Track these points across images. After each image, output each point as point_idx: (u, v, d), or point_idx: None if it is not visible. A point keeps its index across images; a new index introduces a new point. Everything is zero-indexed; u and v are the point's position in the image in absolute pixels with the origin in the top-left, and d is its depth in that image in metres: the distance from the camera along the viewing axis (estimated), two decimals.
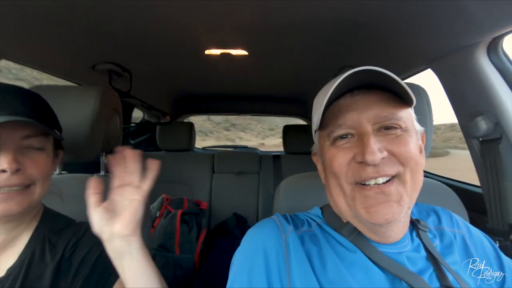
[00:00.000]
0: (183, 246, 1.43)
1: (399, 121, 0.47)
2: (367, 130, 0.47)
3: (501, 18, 0.67)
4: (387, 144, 0.46)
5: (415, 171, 0.47)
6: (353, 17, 0.94)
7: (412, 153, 0.47)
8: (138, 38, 1.16)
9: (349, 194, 0.49)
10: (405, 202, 0.47)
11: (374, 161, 0.44)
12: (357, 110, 0.48)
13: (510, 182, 0.82)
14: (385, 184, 0.46)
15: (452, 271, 0.50)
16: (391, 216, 0.45)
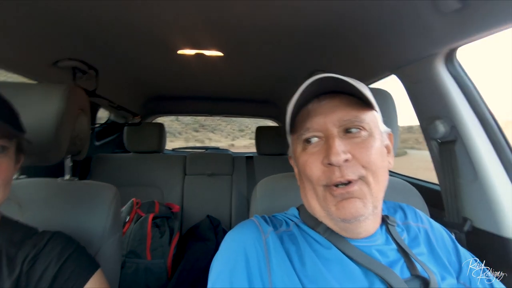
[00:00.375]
0: (155, 251, 1.38)
1: (362, 123, 0.50)
2: (332, 133, 0.49)
3: (456, 32, 0.74)
4: (351, 148, 0.49)
5: (377, 174, 0.50)
6: (324, 24, 0.98)
7: (374, 157, 0.49)
8: (105, 34, 1.10)
9: (321, 196, 0.51)
10: (368, 200, 0.50)
11: (338, 162, 0.47)
12: (322, 114, 0.51)
13: (464, 180, 0.90)
14: (349, 185, 0.49)
15: (420, 261, 0.54)
16: (355, 211, 0.48)
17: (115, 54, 1.33)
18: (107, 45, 1.22)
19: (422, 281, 0.52)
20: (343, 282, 0.49)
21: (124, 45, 1.23)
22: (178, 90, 2.07)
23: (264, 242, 0.51)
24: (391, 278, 0.48)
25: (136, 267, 1.32)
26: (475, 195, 0.87)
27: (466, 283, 0.60)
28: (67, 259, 0.58)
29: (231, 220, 2.04)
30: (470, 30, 0.72)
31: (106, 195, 0.93)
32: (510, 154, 0.83)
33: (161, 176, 2.06)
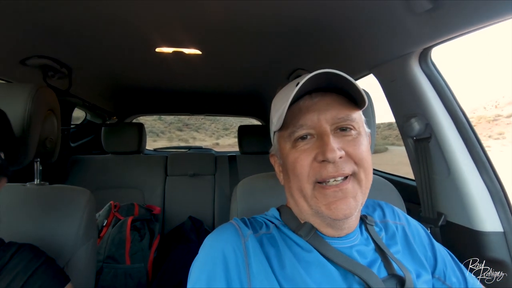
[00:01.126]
0: (134, 255, 1.34)
1: (353, 122, 0.51)
2: (327, 130, 0.50)
3: (429, 32, 0.76)
4: (344, 145, 0.50)
5: (368, 171, 0.52)
6: (303, 24, 0.98)
7: (365, 154, 0.51)
8: (79, 30, 1.05)
9: (309, 194, 0.51)
10: (359, 198, 0.51)
11: (334, 158, 0.47)
12: (316, 111, 0.51)
13: (438, 176, 0.93)
14: (343, 182, 0.50)
15: (396, 260, 0.55)
16: (349, 212, 0.49)
17: (89, 52, 1.27)
18: (81, 43, 1.17)
19: (399, 280, 0.53)
20: (322, 284, 0.49)
21: (99, 43, 1.18)
22: (157, 89, 2.02)
23: (243, 246, 0.50)
24: (370, 279, 0.49)
25: (114, 272, 1.27)
26: (449, 191, 0.90)
27: (441, 277, 0.62)
28: (34, 273, 0.55)
29: (214, 220, 2.02)
30: (442, 30, 0.74)
31: (79, 199, 0.89)
32: (480, 150, 0.86)
33: (142, 178, 2.01)
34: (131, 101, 2.30)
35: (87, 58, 1.34)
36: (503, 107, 18.71)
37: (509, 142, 16.91)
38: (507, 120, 19.54)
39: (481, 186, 0.85)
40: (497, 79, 12.03)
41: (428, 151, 0.94)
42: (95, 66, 1.46)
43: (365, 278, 0.49)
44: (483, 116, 19.07)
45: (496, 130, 19.31)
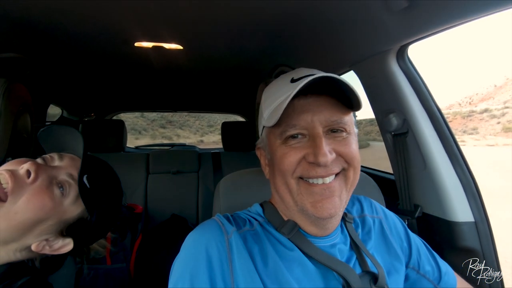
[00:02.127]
0: (115, 255, 1.31)
1: (345, 125, 0.52)
2: (319, 132, 0.50)
3: (405, 30, 0.78)
4: (335, 146, 0.51)
5: (357, 170, 0.53)
6: (284, 21, 0.99)
7: (356, 153, 0.52)
8: (53, 24, 1.01)
9: (295, 190, 0.52)
10: (344, 196, 0.52)
11: (326, 163, 0.48)
12: (310, 112, 0.50)
13: (415, 170, 0.97)
14: (332, 181, 0.51)
15: (371, 257, 0.57)
16: (333, 211, 0.50)
17: (65, 46, 1.22)
18: (55, 36, 1.12)
19: (372, 276, 0.54)
20: (302, 282, 0.50)
21: (75, 36, 1.13)
22: (137, 85, 1.97)
23: (227, 242, 0.50)
24: (349, 275, 0.51)
25: (95, 273, 1.23)
26: (425, 183, 0.93)
27: (415, 267, 0.65)
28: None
29: (198, 217, 2.01)
30: (417, 28, 0.76)
31: None
32: (454, 144, 0.90)
33: (122, 176, 1.93)
34: (109, 97, 2.23)
35: (62, 53, 1.28)
36: (476, 104, 19.40)
37: (482, 137, 17.80)
38: (480, 116, 20.51)
39: (455, 178, 0.89)
40: (471, 77, 12.58)
41: (406, 146, 0.98)
42: (72, 61, 1.40)
43: (344, 275, 0.50)
44: (458, 112, 19.83)
45: (470, 125, 20.23)
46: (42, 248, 0.57)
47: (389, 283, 0.57)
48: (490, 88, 30.13)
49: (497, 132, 20.11)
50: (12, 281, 0.53)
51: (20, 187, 0.52)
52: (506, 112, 22.15)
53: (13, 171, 0.54)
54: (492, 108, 22.64)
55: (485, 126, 20.87)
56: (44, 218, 0.54)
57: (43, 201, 0.53)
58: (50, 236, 0.58)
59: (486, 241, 0.84)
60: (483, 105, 25.16)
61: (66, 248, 0.60)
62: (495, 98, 27.86)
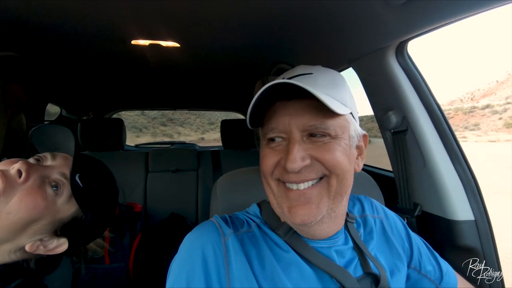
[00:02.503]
0: (114, 255, 1.31)
1: (327, 130, 0.48)
2: (295, 137, 0.48)
3: (405, 25, 0.76)
4: (313, 151, 0.48)
5: (342, 177, 0.49)
6: (284, 17, 0.97)
7: (338, 160, 0.48)
8: (48, 22, 0.99)
9: (276, 191, 0.52)
10: (324, 205, 0.49)
11: (293, 169, 0.46)
12: (288, 116, 0.49)
13: (414, 167, 0.95)
14: (308, 188, 0.49)
15: (372, 258, 0.56)
16: (307, 218, 0.48)
17: (61, 44, 1.21)
18: (51, 35, 1.10)
19: (374, 278, 0.54)
20: (299, 285, 0.49)
21: (71, 34, 1.12)
22: (134, 83, 1.96)
23: (223, 245, 0.50)
24: (345, 280, 0.50)
25: (93, 273, 1.24)
26: (424, 182, 0.92)
27: (417, 267, 0.64)
28: None
29: (198, 215, 2.00)
30: (417, 24, 0.74)
31: None
32: (454, 142, 0.88)
33: (122, 175, 1.95)
34: (108, 95, 2.22)
35: (59, 52, 1.27)
36: (478, 99, 19.32)
37: (483, 132, 17.75)
38: (482, 111, 20.43)
39: (455, 176, 0.87)
40: (473, 72, 12.48)
41: (405, 144, 0.96)
42: (68, 60, 1.39)
43: (340, 279, 0.50)
44: (460, 108, 19.78)
45: (472, 121, 20.19)
46: (36, 249, 0.56)
47: (391, 284, 0.56)
48: (492, 84, 29.94)
49: (499, 128, 20.04)
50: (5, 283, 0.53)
51: (12, 187, 0.52)
52: (508, 108, 22.04)
53: (4, 171, 0.53)
54: (494, 103, 22.52)
55: (486, 122, 20.78)
56: (37, 217, 0.54)
57: (35, 200, 0.53)
58: (45, 236, 0.57)
59: (486, 240, 0.83)
60: (485, 101, 25.05)
61: (61, 248, 0.59)
62: (497, 94, 27.71)
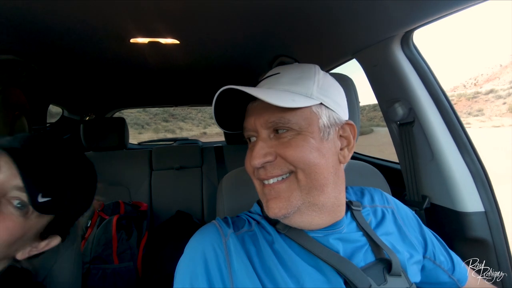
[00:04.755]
0: (122, 254, 1.32)
1: (288, 124, 0.49)
2: (260, 135, 0.52)
3: (411, 14, 0.74)
4: (277, 148, 0.50)
5: (309, 171, 0.49)
6: (285, 10, 0.94)
7: (300, 156, 0.48)
8: (44, 22, 0.98)
9: (259, 190, 0.55)
10: (296, 198, 0.50)
11: (255, 165, 0.50)
12: (253, 116, 0.52)
13: (422, 159, 0.94)
14: (276, 182, 0.51)
15: (383, 245, 0.55)
16: (278, 211, 0.50)
17: (59, 45, 1.19)
18: (49, 36, 1.09)
19: (386, 263, 0.53)
20: (301, 279, 0.49)
21: (69, 35, 1.10)
22: (135, 82, 1.94)
23: (224, 245, 0.51)
24: (348, 270, 0.49)
25: (103, 273, 1.25)
26: (432, 174, 0.91)
27: (431, 258, 0.64)
28: None
29: (203, 212, 2.01)
30: (423, 13, 0.72)
31: None
32: (462, 133, 0.86)
33: (126, 174, 1.96)
34: (109, 95, 2.21)
35: (57, 53, 1.25)
36: (481, 84, 19.07)
37: (487, 118, 17.52)
38: (486, 97, 20.15)
39: (463, 168, 0.86)
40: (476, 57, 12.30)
41: (412, 135, 0.95)
42: (67, 61, 1.37)
43: (342, 270, 0.49)
44: (463, 94, 19.49)
45: (475, 107, 19.91)
46: (29, 253, 0.56)
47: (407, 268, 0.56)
48: (495, 68, 29.52)
49: (503, 113, 19.81)
50: None
51: None
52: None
53: None
54: (498, 88, 22.24)
55: (490, 107, 20.55)
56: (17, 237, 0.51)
57: (5, 229, 0.49)
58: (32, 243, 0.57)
59: (497, 231, 0.82)
60: (489, 86, 24.70)
61: (54, 243, 0.60)
62: (500, 78, 27.32)
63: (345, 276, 0.49)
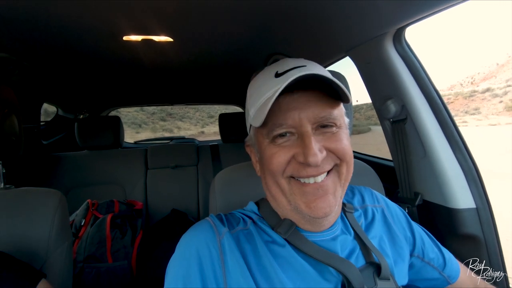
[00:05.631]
0: (116, 253, 1.31)
1: (335, 119, 0.49)
2: (308, 131, 0.47)
3: (402, 11, 0.74)
4: (325, 143, 0.48)
5: (350, 164, 0.51)
6: (279, 8, 0.94)
7: (347, 148, 0.49)
8: (36, 20, 0.97)
9: (287, 189, 0.50)
10: (339, 193, 0.50)
11: (316, 163, 0.46)
12: (297, 109, 0.48)
13: (415, 157, 0.94)
14: (324, 179, 0.49)
15: (373, 248, 0.55)
16: (328, 210, 0.48)
17: (51, 43, 1.18)
18: (41, 33, 1.08)
19: (376, 267, 0.53)
20: (297, 280, 0.49)
21: (61, 32, 1.09)
22: (129, 80, 1.93)
23: (219, 243, 0.49)
24: (348, 271, 0.49)
25: (97, 272, 1.24)
26: (425, 171, 0.91)
27: (420, 255, 0.64)
28: None
29: (199, 211, 2.00)
30: (414, 9, 0.72)
31: (49, 202, 0.85)
32: (454, 130, 0.87)
33: (121, 173, 1.95)
34: (103, 93, 2.20)
35: (49, 51, 1.25)
36: (478, 83, 19.24)
37: (484, 116, 17.72)
38: (482, 95, 20.37)
39: (455, 165, 0.86)
40: (473, 56, 12.36)
41: (405, 133, 0.95)
42: (58, 57, 1.36)
43: (343, 271, 0.49)
44: (460, 93, 19.68)
45: (472, 106, 20.11)
46: None
47: (394, 272, 0.56)
48: (492, 67, 29.64)
49: (500, 112, 19.94)
50: None
51: None
52: (508, 91, 21.85)
53: None
54: (494, 87, 22.35)
55: (487, 105, 20.66)
56: None
57: None
58: None
59: (488, 227, 0.83)
60: (485, 85, 24.82)
61: None
62: (497, 77, 27.44)
63: (346, 276, 0.49)
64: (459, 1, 0.64)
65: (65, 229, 0.88)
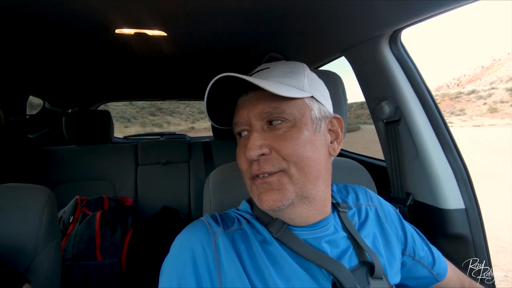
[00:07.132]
0: (106, 250, 1.29)
1: (283, 114, 0.49)
2: (254, 127, 0.50)
3: (400, 13, 0.75)
4: (271, 141, 0.49)
5: (303, 165, 0.49)
6: (275, 6, 0.93)
7: (296, 148, 0.48)
8: (23, 9, 0.93)
9: (250, 187, 0.53)
10: (288, 190, 0.49)
11: (251, 157, 0.47)
12: (246, 108, 0.51)
13: (407, 157, 0.96)
14: (268, 176, 0.49)
15: (366, 247, 0.56)
16: (273, 203, 0.49)
17: (40, 34, 1.14)
18: (30, 23, 1.03)
19: (369, 267, 0.54)
20: (290, 280, 0.49)
21: (51, 23, 1.05)
22: (121, 74, 1.88)
23: (213, 244, 0.49)
24: (338, 272, 0.49)
25: (85, 269, 1.22)
26: (417, 171, 0.93)
27: (411, 254, 0.65)
28: None
29: (190, 208, 1.99)
30: (411, 12, 0.73)
31: (37, 198, 0.82)
32: (446, 132, 0.89)
33: (111, 168, 1.91)
34: (93, 87, 2.14)
35: (35, 39, 1.20)
36: (464, 85, 19.87)
37: (468, 117, 18.33)
38: (468, 97, 21.02)
39: (446, 166, 0.88)
40: (460, 58, 12.69)
41: (398, 133, 0.96)
42: (46, 48, 1.31)
43: (333, 272, 0.49)
44: (446, 94, 20.22)
45: (458, 107, 20.75)
46: None
47: (387, 271, 0.57)
48: (477, 69, 30.44)
49: (483, 113, 20.58)
50: None
51: None
52: (492, 93, 22.57)
53: None
54: (479, 89, 23.02)
55: (472, 107, 21.28)
56: None
57: None
58: None
59: (476, 227, 0.85)
60: (471, 87, 25.54)
61: None
62: (482, 79, 28.23)
63: (336, 277, 0.49)
64: (458, 5, 0.65)
65: (54, 227, 0.85)
